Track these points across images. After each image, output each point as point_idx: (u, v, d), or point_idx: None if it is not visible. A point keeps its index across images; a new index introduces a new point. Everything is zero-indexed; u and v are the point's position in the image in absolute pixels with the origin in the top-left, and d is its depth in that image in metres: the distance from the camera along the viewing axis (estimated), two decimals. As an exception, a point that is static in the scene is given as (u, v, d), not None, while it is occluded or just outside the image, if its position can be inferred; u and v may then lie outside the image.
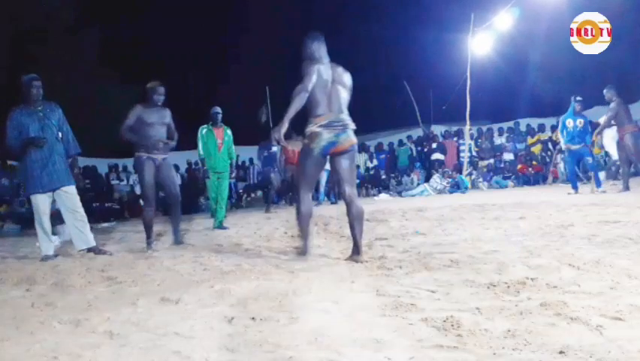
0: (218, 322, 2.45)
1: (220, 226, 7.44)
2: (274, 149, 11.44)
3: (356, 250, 3.96)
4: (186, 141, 7.64)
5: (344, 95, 4.03)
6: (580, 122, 9.22)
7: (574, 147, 9.29)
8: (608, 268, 2.98)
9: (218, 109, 7.71)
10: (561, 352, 1.80)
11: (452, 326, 2.14)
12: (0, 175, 12.29)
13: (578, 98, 9.30)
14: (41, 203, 5.15)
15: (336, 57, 4.13)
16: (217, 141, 7.60)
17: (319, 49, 4.05)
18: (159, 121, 5.57)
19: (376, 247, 4.51)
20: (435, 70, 19.56)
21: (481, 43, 14.26)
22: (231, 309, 2.66)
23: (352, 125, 4.01)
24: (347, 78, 4.11)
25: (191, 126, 8.20)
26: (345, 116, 3.99)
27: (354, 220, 3.96)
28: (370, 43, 23.09)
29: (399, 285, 2.95)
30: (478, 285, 2.81)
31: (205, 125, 7.72)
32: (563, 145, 11.02)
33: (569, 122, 9.27)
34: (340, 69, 4.11)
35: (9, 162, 12.13)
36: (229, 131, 7.74)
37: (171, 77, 19.50)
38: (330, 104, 3.94)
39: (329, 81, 3.96)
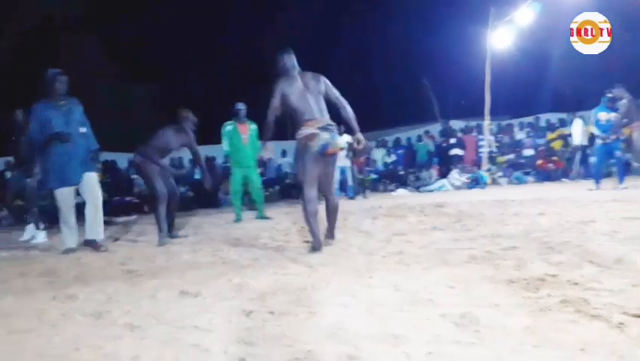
0: (237, 315, 2.47)
1: (262, 216, 7.70)
2: None
3: (330, 235, 4.59)
4: (201, 136, 7.72)
5: (322, 101, 4.26)
6: (613, 115, 9.09)
7: (608, 140, 9.15)
8: (630, 265, 2.92)
9: (242, 105, 7.76)
10: (582, 349, 1.78)
11: (470, 321, 2.13)
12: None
13: (609, 95, 9.18)
14: (66, 197, 5.21)
15: (353, 54, 4.20)
16: (242, 136, 7.66)
17: (288, 61, 4.34)
18: (178, 147, 6.01)
19: (395, 242, 4.50)
20: (454, 65, 19.38)
21: (501, 37, 14.07)
22: (250, 303, 2.68)
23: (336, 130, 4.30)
24: (320, 82, 4.31)
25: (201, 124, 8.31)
26: (331, 121, 4.23)
27: (330, 212, 4.50)
28: (389, 38, 22.90)
29: (417, 280, 2.94)
30: (497, 281, 2.78)
31: (229, 122, 7.77)
32: (577, 141, 10.82)
33: (602, 115, 9.14)
34: (310, 75, 4.33)
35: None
36: (253, 126, 7.78)
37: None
38: (315, 110, 4.17)
39: (302, 89, 4.21)
